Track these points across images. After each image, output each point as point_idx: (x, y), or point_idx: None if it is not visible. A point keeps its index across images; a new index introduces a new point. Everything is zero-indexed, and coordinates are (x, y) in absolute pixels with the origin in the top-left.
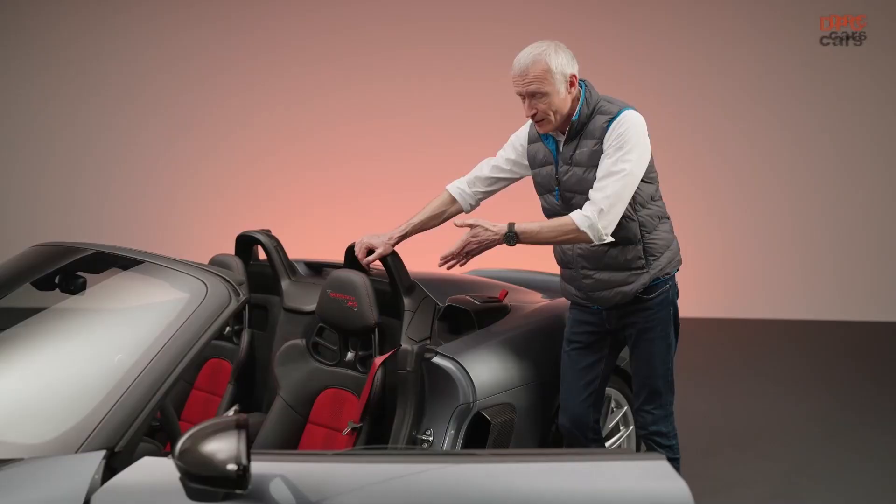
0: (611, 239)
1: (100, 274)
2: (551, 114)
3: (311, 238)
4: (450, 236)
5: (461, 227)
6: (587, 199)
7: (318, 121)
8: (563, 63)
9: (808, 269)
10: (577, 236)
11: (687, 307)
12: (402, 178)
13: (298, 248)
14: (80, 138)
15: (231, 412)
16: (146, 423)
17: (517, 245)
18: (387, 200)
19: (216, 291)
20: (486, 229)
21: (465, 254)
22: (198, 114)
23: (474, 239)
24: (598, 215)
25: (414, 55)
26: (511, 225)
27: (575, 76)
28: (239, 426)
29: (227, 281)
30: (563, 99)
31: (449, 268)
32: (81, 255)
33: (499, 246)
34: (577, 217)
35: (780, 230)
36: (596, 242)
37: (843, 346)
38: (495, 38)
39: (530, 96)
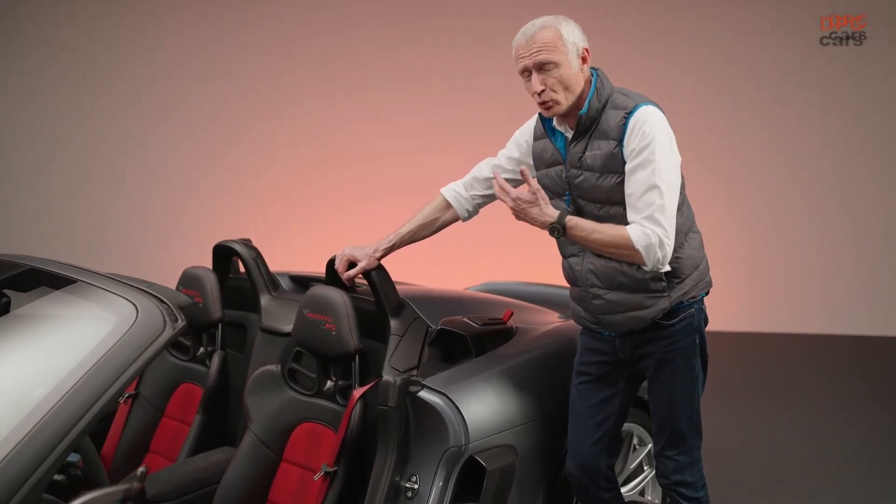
0: (668, 268)
1: (27, 293)
2: (561, 91)
3: (313, 242)
4: (446, 249)
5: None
6: (599, 207)
7: (318, 123)
8: (575, 34)
9: (828, 281)
10: (630, 255)
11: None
12: (407, 179)
13: (301, 254)
14: (83, 143)
15: (138, 472)
16: (47, 477)
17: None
18: (392, 203)
19: (148, 315)
20: (538, 205)
21: (511, 207)
22: (201, 119)
23: (525, 205)
24: (661, 237)
25: (414, 55)
26: (562, 214)
27: (588, 51)
28: (126, 499)
29: (164, 303)
30: (575, 74)
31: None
32: (14, 272)
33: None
34: (634, 233)
35: (780, 231)
36: (649, 268)
37: (884, 363)
38: (496, 38)
39: (538, 68)
